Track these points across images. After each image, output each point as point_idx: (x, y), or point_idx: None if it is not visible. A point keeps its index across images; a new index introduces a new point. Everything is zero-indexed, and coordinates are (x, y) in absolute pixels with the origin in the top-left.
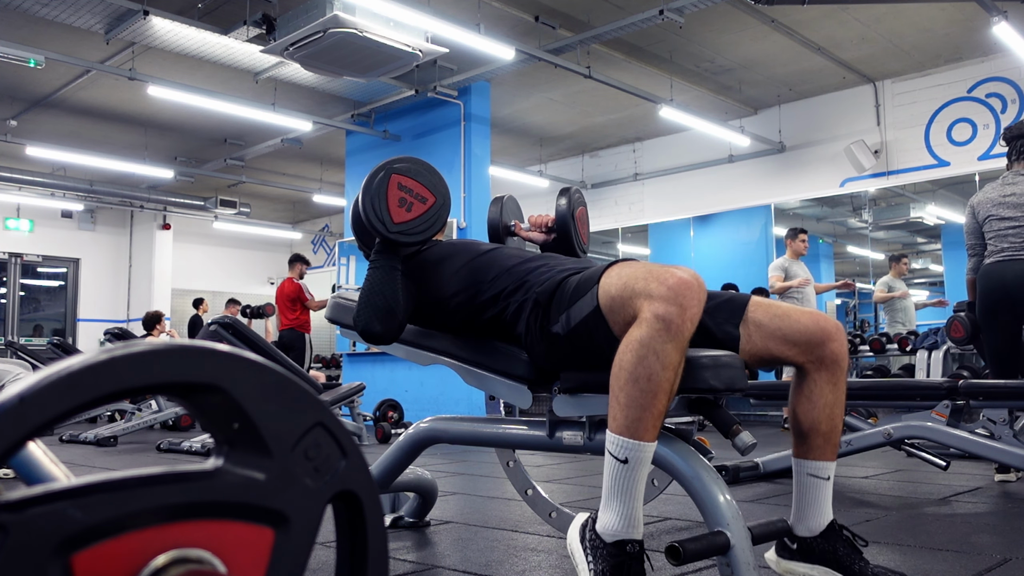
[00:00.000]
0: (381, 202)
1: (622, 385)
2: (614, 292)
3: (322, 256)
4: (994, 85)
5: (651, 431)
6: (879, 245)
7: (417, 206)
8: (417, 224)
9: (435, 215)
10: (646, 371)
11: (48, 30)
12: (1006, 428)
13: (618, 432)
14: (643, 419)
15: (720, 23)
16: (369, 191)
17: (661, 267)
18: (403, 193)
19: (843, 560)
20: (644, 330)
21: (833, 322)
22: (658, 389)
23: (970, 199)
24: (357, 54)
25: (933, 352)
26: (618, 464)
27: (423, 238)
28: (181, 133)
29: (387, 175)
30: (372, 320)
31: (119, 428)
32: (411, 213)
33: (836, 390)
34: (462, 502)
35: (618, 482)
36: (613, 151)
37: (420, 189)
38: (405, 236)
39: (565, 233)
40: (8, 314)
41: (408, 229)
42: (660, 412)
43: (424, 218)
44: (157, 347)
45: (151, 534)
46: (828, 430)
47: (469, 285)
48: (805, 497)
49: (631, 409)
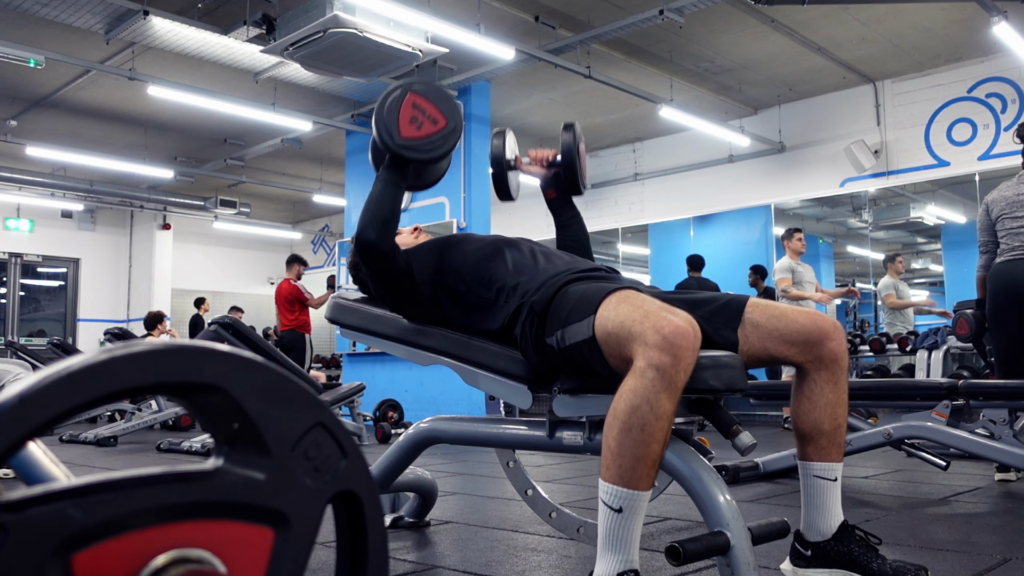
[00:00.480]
0: (393, 116)
1: (615, 435)
2: (611, 328)
3: (322, 256)
4: (994, 85)
5: (646, 480)
6: (879, 245)
7: (428, 126)
8: (424, 143)
9: (444, 138)
10: (639, 421)
11: (48, 30)
12: (1006, 428)
13: (611, 481)
14: (636, 468)
15: (720, 23)
16: (384, 104)
17: (657, 310)
18: (416, 112)
19: (860, 560)
20: (638, 380)
21: (830, 321)
22: (651, 439)
23: (986, 196)
24: (357, 54)
25: (933, 352)
26: (612, 513)
27: (427, 157)
28: (181, 133)
29: (404, 91)
30: (368, 228)
31: (119, 428)
32: (420, 131)
33: (837, 389)
34: (462, 502)
35: (614, 531)
36: (613, 151)
37: (433, 111)
38: (410, 152)
39: (571, 168)
40: (8, 314)
41: (414, 145)
42: (654, 461)
43: (432, 139)
44: (157, 347)
45: (151, 534)
46: (831, 430)
47: (468, 281)
48: (814, 501)
49: (624, 459)
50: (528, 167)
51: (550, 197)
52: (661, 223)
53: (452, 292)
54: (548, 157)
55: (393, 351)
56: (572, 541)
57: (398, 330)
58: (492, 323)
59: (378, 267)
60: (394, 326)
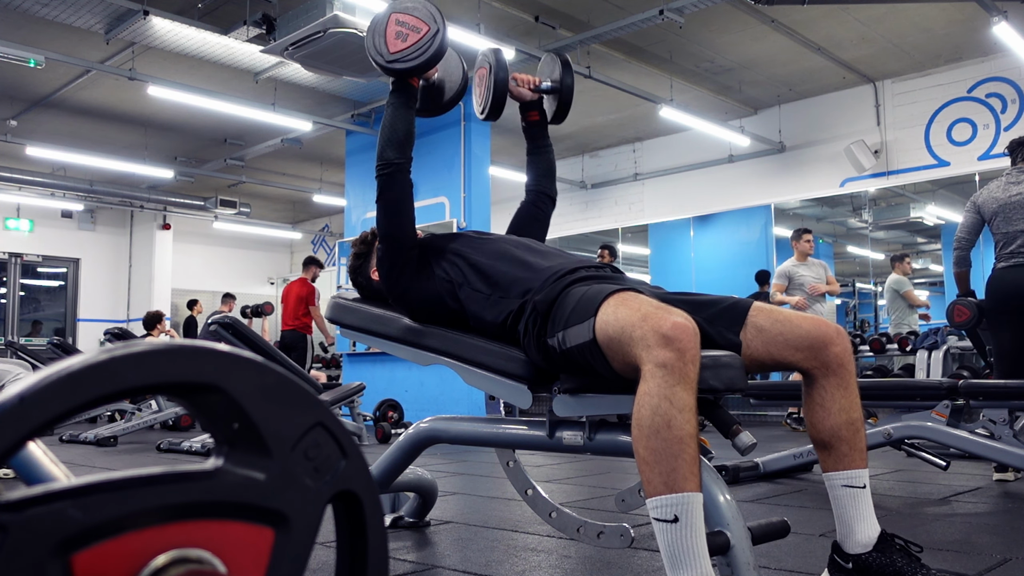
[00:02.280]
0: (380, 36)
1: (645, 443)
2: (611, 332)
3: (322, 256)
4: (994, 85)
5: (692, 479)
6: (879, 245)
7: (411, 36)
8: (409, 51)
9: (428, 41)
10: (664, 419)
11: (48, 30)
12: (1006, 428)
13: (656, 493)
14: (678, 468)
15: (720, 23)
16: (372, 29)
17: (654, 311)
18: (399, 27)
19: (904, 572)
20: (649, 382)
21: (833, 326)
22: (682, 434)
23: (972, 196)
24: (357, 54)
25: (933, 352)
26: (669, 526)
27: (415, 64)
28: (181, 133)
29: (388, 13)
30: (386, 148)
31: (119, 428)
32: (406, 43)
33: (848, 394)
34: (462, 502)
35: (676, 545)
36: (613, 151)
37: (415, 21)
38: (400, 63)
39: (567, 97)
40: (8, 314)
41: (403, 56)
42: (693, 457)
43: (416, 45)
44: (157, 347)
45: (151, 534)
46: (851, 435)
47: (470, 279)
48: (847, 511)
49: (661, 464)
50: (516, 88)
51: (532, 119)
52: (661, 223)
53: (472, 290)
54: (536, 82)
55: (393, 351)
56: (572, 541)
57: (398, 330)
58: (495, 318)
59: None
60: (394, 326)
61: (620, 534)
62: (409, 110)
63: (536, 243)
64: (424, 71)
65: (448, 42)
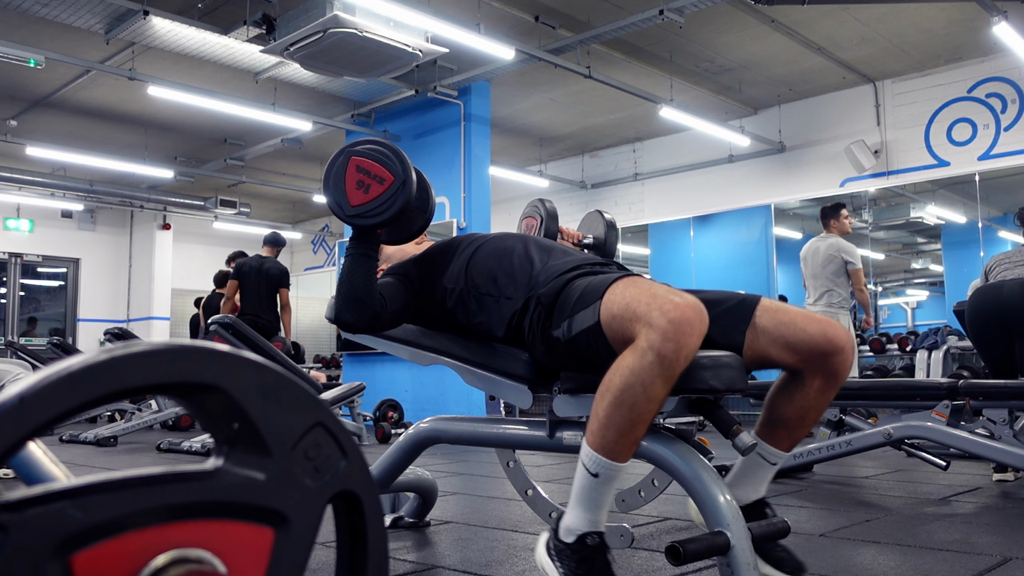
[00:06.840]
0: (339, 185)
1: (605, 405)
2: (616, 311)
3: (322, 256)
4: (994, 85)
5: (625, 454)
6: (879, 245)
7: (375, 187)
8: (373, 206)
9: (392, 196)
10: (631, 399)
11: (48, 30)
12: (1006, 428)
13: (594, 448)
14: (619, 442)
15: (720, 23)
16: (329, 175)
17: (665, 293)
18: (361, 175)
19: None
20: (637, 360)
21: (844, 333)
22: (638, 420)
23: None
24: (357, 54)
25: (933, 352)
26: (589, 476)
27: (381, 220)
28: (181, 133)
29: (346, 158)
30: (343, 309)
31: (119, 428)
32: (368, 195)
33: (821, 399)
34: (462, 502)
35: (586, 492)
36: (613, 151)
37: (378, 170)
38: (363, 219)
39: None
40: (8, 314)
41: (365, 211)
42: (637, 439)
43: (381, 199)
44: (157, 347)
45: (151, 534)
46: (795, 427)
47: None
48: (747, 472)
49: (609, 431)
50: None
51: None
52: (661, 223)
53: (478, 294)
54: (579, 237)
55: (393, 351)
56: None
57: (399, 330)
58: (501, 319)
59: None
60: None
61: (620, 534)
62: (371, 260)
63: (542, 240)
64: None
65: (413, 183)
